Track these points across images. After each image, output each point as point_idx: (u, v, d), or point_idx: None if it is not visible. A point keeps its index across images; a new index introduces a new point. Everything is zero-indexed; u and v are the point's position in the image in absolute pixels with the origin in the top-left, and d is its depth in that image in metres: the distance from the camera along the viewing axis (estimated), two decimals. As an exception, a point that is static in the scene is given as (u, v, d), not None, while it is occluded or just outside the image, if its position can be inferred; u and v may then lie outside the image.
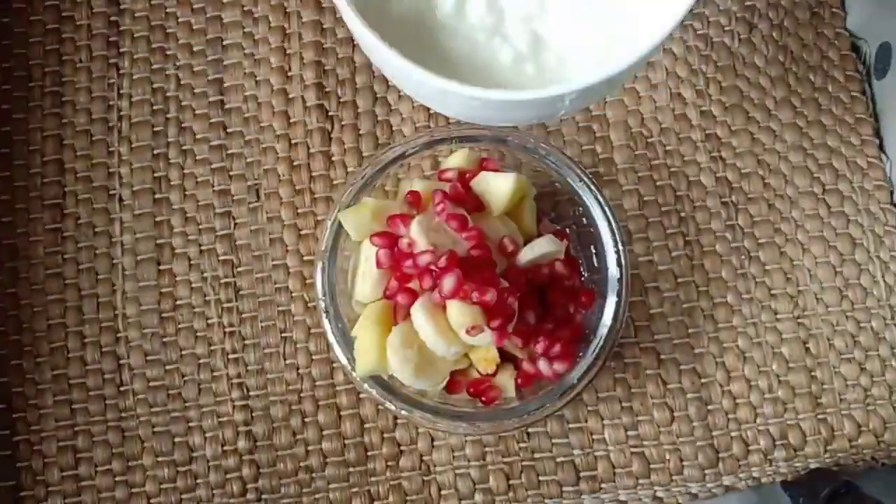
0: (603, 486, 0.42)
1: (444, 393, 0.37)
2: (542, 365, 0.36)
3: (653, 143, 0.45)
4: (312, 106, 0.45)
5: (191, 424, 0.42)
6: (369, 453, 0.42)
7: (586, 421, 0.42)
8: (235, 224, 0.44)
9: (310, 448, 0.42)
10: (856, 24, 0.47)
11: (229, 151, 0.45)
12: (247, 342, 0.43)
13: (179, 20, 0.47)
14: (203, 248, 0.44)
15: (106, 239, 0.44)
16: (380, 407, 0.42)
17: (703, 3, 0.47)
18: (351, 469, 0.42)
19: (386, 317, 0.35)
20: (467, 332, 0.33)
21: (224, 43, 0.47)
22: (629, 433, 0.42)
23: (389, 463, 0.42)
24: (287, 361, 0.43)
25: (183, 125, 0.46)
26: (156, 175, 0.45)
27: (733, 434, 0.42)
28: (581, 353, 0.36)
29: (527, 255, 0.36)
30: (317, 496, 0.42)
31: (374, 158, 0.38)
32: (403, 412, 0.36)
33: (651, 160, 0.45)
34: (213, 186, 0.45)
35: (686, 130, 0.46)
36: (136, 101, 0.46)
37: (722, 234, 0.44)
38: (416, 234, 0.34)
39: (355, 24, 0.30)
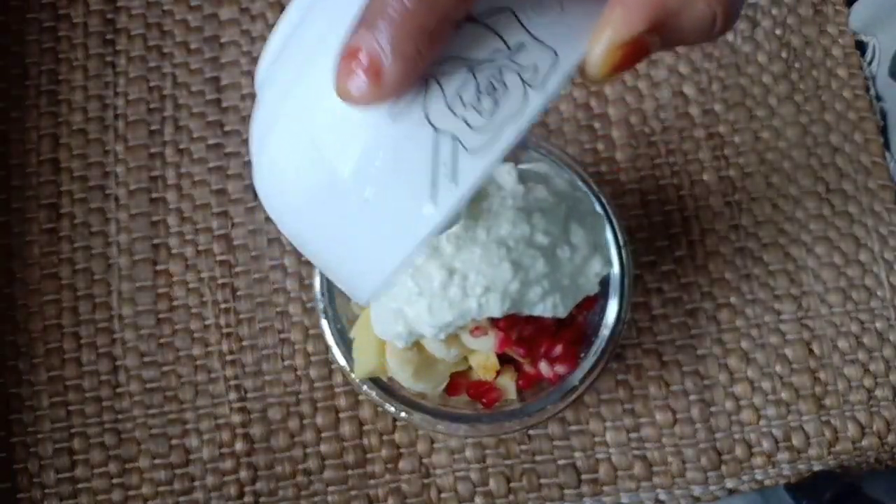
0: (604, 488, 0.41)
1: (443, 395, 0.36)
2: (544, 366, 0.35)
3: (655, 141, 0.45)
4: (310, 104, 0.45)
5: (187, 426, 0.42)
6: (368, 456, 0.42)
7: (588, 423, 0.42)
8: (233, 224, 0.44)
9: (308, 450, 0.42)
10: (860, 21, 0.46)
11: (226, 150, 0.45)
12: (244, 343, 0.43)
13: (176, 18, 0.47)
14: (200, 248, 0.44)
15: (102, 239, 0.44)
16: (379, 409, 0.41)
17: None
18: (350, 471, 0.41)
19: (385, 318, 0.35)
20: (471, 332, 0.33)
21: (221, 41, 0.46)
22: (631, 435, 0.42)
23: (388, 465, 0.41)
24: (285, 363, 0.42)
25: (179, 124, 0.45)
26: (152, 174, 0.45)
27: (736, 436, 0.42)
28: (582, 355, 0.36)
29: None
30: (315, 499, 0.41)
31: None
32: (403, 414, 0.36)
33: (653, 158, 0.45)
34: (209, 186, 0.44)
35: (689, 128, 0.45)
36: (132, 99, 0.45)
37: (725, 234, 0.44)
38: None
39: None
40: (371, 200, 0.17)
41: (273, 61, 0.19)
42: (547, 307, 0.30)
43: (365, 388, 0.36)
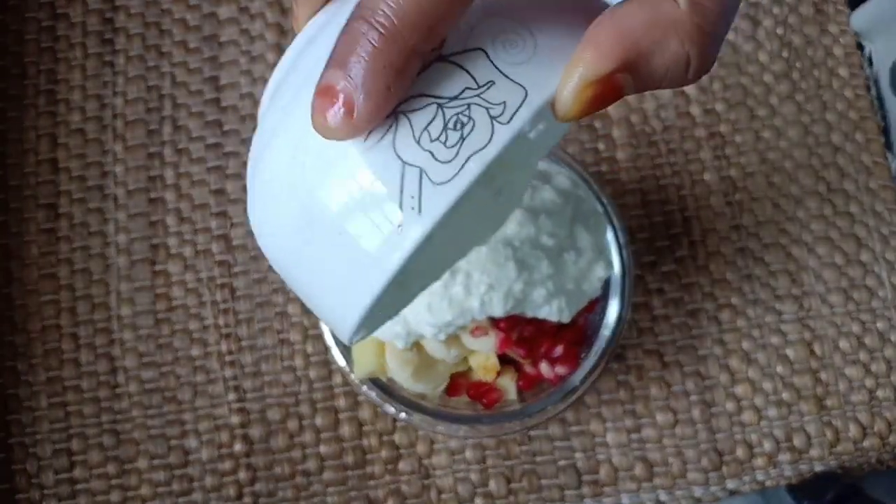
0: (605, 489, 0.41)
1: (443, 395, 0.36)
2: (544, 367, 0.35)
3: (656, 140, 0.45)
4: (310, 104, 0.45)
5: (186, 427, 0.42)
6: (368, 456, 0.41)
7: (588, 424, 0.42)
8: (231, 224, 0.44)
9: (307, 451, 0.41)
10: (862, 23, 0.46)
11: (225, 150, 0.45)
12: (243, 344, 0.42)
13: (174, 17, 0.46)
14: (199, 248, 0.44)
15: (100, 239, 0.44)
16: (378, 409, 0.41)
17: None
18: (349, 472, 0.41)
19: (384, 318, 0.35)
20: (472, 333, 0.33)
21: (220, 40, 0.46)
22: (632, 436, 0.41)
23: (388, 466, 0.41)
24: (284, 363, 0.42)
25: (178, 124, 0.45)
26: (151, 174, 0.44)
27: (737, 437, 0.42)
28: (583, 355, 0.36)
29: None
30: (314, 500, 0.41)
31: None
32: (402, 415, 0.36)
33: (654, 158, 0.45)
34: (208, 186, 0.44)
35: (690, 128, 0.45)
36: (130, 99, 0.45)
37: (726, 235, 0.44)
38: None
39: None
40: (344, 233, 0.18)
41: (271, 95, 0.20)
42: (552, 311, 0.30)
43: (364, 388, 0.35)
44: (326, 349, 0.42)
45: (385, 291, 0.18)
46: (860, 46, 0.46)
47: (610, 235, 0.36)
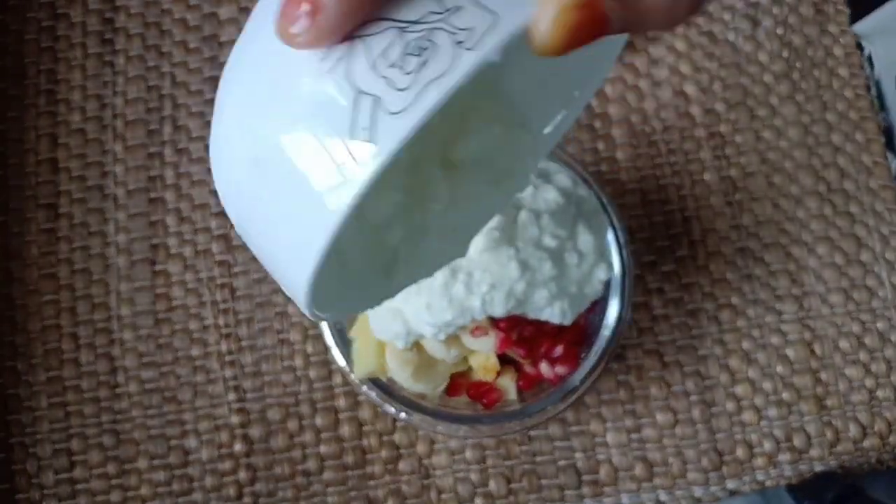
0: (605, 489, 0.41)
1: (443, 395, 0.36)
2: (544, 367, 0.35)
3: (656, 140, 0.45)
4: (310, 104, 0.45)
5: (186, 427, 0.42)
6: (368, 456, 0.41)
7: (588, 424, 0.42)
8: (231, 224, 0.44)
9: (307, 451, 0.41)
10: (863, 28, 0.46)
11: (226, 150, 0.45)
12: (243, 344, 0.42)
13: (175, 17, 0.46)
14: (199, 248, 0.44)
15: (100, 239, 0.44)
16: (378, 409, 0.41)
17: (707, -1, 0.47)
18: (349, 472, 0.41)
19: (384, 318, 0.35)
20: (472, 333, 0.33)
21: (220, 40, 0.46)
22: (632, 436, 0.41)
23: (388, 466, 0.41)
24: (284, 363, 0.42)
25: (178, 123, 0.45)
26: (150, 174, 0.44)
27: (737, 437, 0.42)
28: (583, 355, 0.36)
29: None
30: (314, 500, 0.41)
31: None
32: (402, 415, 0.36)
33: (654, 158, 0.45)
34: (208, 185, 0.44)
35: (690, 128, 0.45)
36: (130, 98, 0.45)
37: (726, 234, 0.44)
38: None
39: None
40: (293, 171, 0.16)
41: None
42: (554, 313, 0.30)
43: (364, 388, 0.35)
44: (326, 349, 0.41)
45: (340, 237, 0.16)
46: (860, 46, 0.46)
47: (610, 235, 0.36)
